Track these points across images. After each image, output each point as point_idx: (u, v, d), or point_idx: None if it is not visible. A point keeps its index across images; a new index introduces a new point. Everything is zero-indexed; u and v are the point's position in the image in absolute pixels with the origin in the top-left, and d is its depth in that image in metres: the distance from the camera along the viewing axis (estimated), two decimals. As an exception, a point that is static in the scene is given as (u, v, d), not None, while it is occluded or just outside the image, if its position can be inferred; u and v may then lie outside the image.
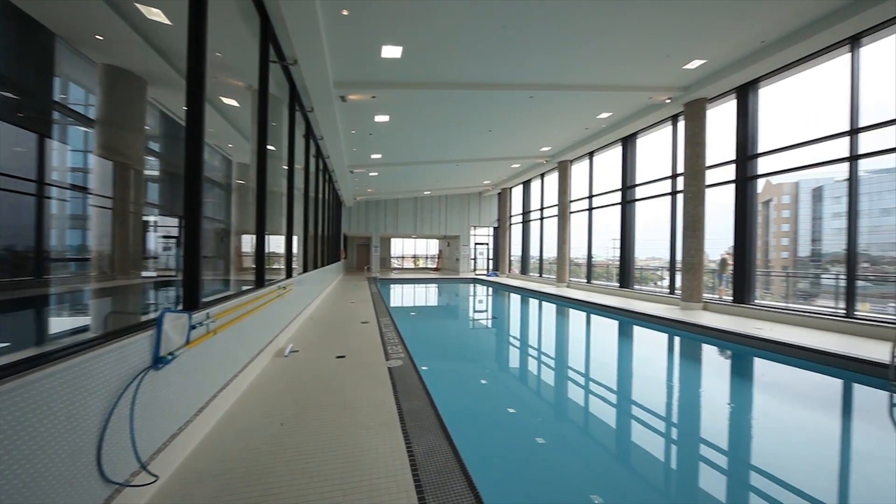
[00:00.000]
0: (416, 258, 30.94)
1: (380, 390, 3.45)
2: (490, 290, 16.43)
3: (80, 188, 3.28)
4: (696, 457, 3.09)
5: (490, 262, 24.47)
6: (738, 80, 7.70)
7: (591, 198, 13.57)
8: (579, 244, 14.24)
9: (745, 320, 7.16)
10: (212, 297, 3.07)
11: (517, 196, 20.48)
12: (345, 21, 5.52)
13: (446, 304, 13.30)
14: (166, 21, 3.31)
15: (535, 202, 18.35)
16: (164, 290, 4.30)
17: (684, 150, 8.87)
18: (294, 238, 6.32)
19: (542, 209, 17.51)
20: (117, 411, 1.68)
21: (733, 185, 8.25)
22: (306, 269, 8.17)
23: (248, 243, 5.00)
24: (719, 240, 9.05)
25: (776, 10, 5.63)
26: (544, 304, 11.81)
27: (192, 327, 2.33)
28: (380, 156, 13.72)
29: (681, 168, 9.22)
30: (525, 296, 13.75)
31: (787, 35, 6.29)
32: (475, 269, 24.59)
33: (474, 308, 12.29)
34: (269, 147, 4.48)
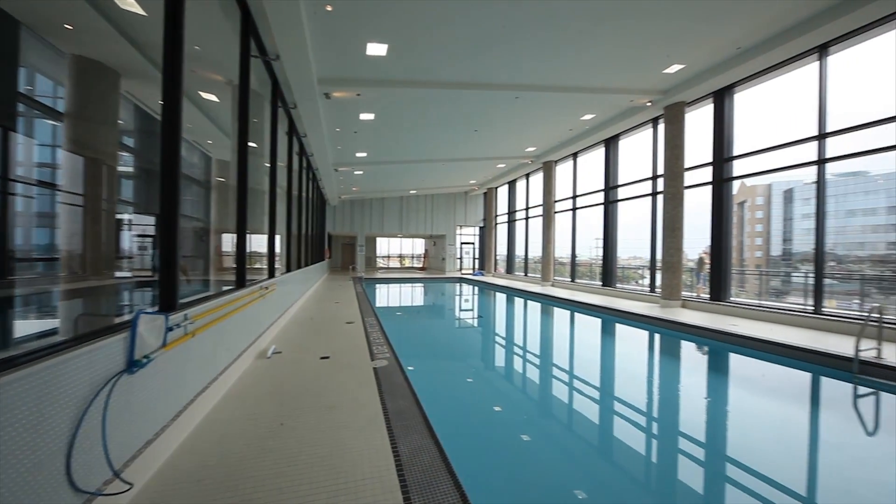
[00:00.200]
0: (401, 258, 30.80)
1: (365, 391, 3.42)
2: (476, 289, 16.50)
3: (47, 184, 3.13)
4: (675, 449, 3.18)
5: (476, 261, 24.57)
6: (714, 85, 7.95)
7: (574, 198, 13.79)
8: (563, 244, 14.46)
9: (721, 317, 7.40)
10: (190, 298, 2.97)
11: (503, 196, 20.63)
12: (329, 17, 5.44)
13: (432, 303, 13.29)
14: (141, 12, 3.18)
15: (520, 202, 18.53)
16: (140, 291, 4.15)
17: (664, 153, 9.11)
18: (276, 237, 6.20)
19: (527, 209, 17.68)
20: (88, 417, 1.61)
21: (710, 187, 8.53)
22: (289, 269, 8.02)
23: (228, 242, 4.87)
24: (697, 239, 9.34)
25: (751, 18, 5.84)
26: (529, 303, 11.94)
27: (169, 329, 2.26)
28: (365, 154, 13.58)
29: (661, 170, 9.47)
30: (510, 295, 13.87)
31: (760, 42, 6.54)
32: (461, 268, 24.64)
33: (460, 307, 12.32)
34: (250, 144, 4.37)
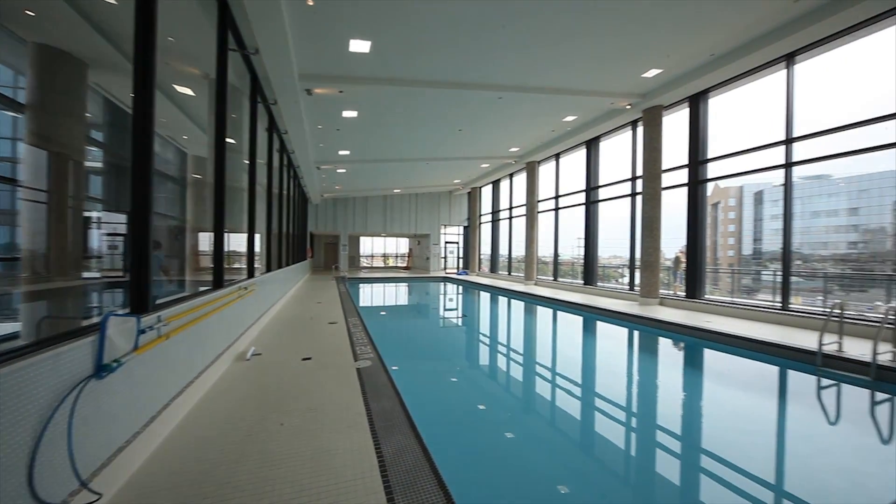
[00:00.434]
0: (385, 257, 30.57)
1: (348, 392, 3.38)
2: (460, 288, 16.54)
3: (7, 180, 2.96)
4: (653, 442, 3.28)
5: (460, 260, 24.63)
6: (690, 90, 8.22)
7: (557, 198, 14.00)
8: (546, 243, 14.68)
9: (696, 314, 7.67)
10: (165, 300, 2.87)
11: (487, 195, 20.74)
12: (311, 11, 5.33)
13: (416, 303, 13.24)
14: None
15: (504, 202, 18.68)
16: (110, 292, 3.97)
17: (643, 155, 9.36)
18: (256, 236, 6.04)
19: (510, 208, 17.84)
20: (53, 425, 1.53)
21: (686, 188, 8.81)
22: (270, 269, 7.83)
23: (206, 241, 4.72)
24: (674, 239, 9.65)
25: (723, 26, 6.06)
26: (513, 302, 12.06)
27: (142, 332, 2.17)
28: (348, 152, 13.40)
29: (640, 171, 9.72)
30: (494, 294, 13.97)
31: (733, 49, 6.80)
32: (445, 267, 24.66)
33: (444, 306, 12.33)
34: (228, 140, 4.25)
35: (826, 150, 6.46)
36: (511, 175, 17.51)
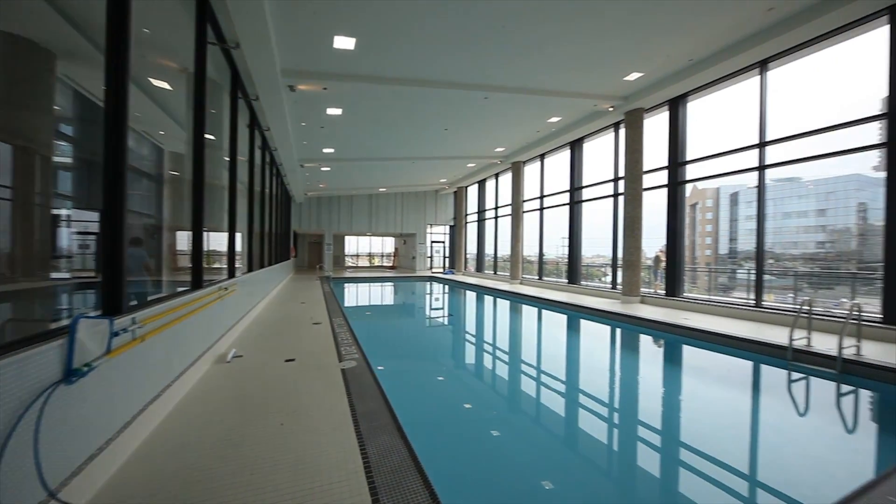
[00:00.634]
0: (371, 256, 30.31)
1: (332, 393, 3.33)
2: (446, 287, 16.55)
3: (-34, 175, 2.79)
4: (634, 436, 3.36)
5: (446, 260, 24.64)
6: (670, 94, 8.44)
7: (542, 198, 14.17)
8: (531, 242, 14.83)
9: (675, 311, 7.90)
10: (135, 302, 2.76)
11: (473, 195, 20.81)
12: (294, 5, 5.23)
13: (402, 302, 13.18)
14: (80, -13, 2.91)
15: (489, 201, 18.77)
16: (82, 294, 3.80)
17: (625, 156, 9.57)
18: (237, 235, 5.89)
19: (496, 208, 17.95)
20: (18, 434, 1.46)
21: (666, 189, 9.05)
22: (251, 269, 7.66)
23: (184, 240, 4.57)
24: (655, 239, 9.92)
25: (700, 33, 6.25)
26: (499, 301, 12.14)
27: (115, 334, 2.09)
28: (332, 150, 13.22)
29: (622, 172, 9.93)
30: (480, 293, 14.04)
31: (710, 55, 7.02)
32: (431, 267, 24.62)
33: (430, 306, 12.31)
34: (207, 136, 4.12)
35: (797, 153, 6.75)
36: (497, 175, 17.62)
